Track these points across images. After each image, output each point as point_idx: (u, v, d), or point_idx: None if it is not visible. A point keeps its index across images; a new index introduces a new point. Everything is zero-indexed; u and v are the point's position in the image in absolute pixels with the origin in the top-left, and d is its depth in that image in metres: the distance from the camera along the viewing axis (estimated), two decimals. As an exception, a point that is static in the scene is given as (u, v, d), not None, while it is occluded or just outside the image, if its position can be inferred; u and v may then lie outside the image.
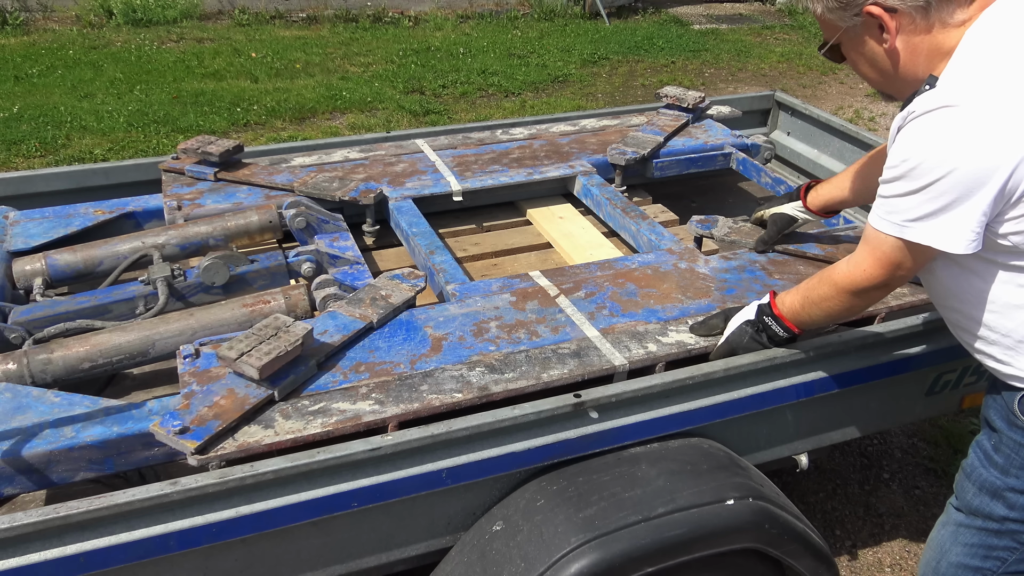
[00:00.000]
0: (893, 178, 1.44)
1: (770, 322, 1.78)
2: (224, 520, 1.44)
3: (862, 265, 1.56)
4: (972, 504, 1.65)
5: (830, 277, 1.65)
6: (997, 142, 1.33)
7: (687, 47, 8.43)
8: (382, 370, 1.74)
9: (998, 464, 1.59)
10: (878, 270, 1.53)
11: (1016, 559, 1.61)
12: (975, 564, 1.66)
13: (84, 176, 2.70)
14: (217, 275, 2.13)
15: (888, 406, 2.09)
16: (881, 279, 1.54)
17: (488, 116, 6.30)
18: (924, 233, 1.42)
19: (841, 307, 1.65)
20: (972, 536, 1.66)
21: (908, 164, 1.40)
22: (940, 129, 1.37)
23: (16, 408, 1.67)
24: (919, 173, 1.39)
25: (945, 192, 1.37)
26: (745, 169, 2.95)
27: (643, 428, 1.72)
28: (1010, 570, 1.63)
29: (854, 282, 1.58)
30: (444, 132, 3.13)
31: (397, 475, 1.53)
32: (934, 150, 1.37)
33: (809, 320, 1.74)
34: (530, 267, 2.47)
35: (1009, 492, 1.58)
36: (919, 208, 1.41)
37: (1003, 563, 1.63)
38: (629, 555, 1.52)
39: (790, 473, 2.39)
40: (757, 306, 1.83)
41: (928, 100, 1.38)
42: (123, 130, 5.75)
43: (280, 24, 8.77)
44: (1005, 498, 1.59)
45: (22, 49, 7.43)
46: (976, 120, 1.34)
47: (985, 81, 1.37)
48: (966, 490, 1.67)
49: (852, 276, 1.58)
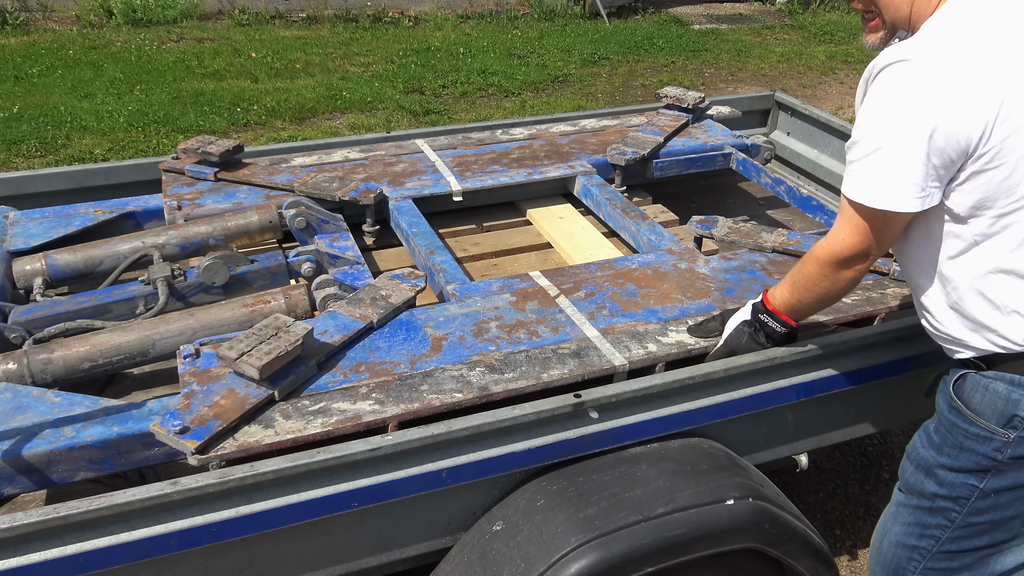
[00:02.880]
0: (853, 141, 1.48)
1: (765, 319, 1.77)
2: (224, 520, 1.44)
3: (839, 235, 1.55)
4: (909, 482, 1.70)
5: (812, 254, 1.64)
6: (936, 97, 1.36)
7: (687, 47, 8.42)
8: (382, 370, 1.74)
9: (935, 443, 1.63)
10: (855, 238, 1.53)
11: (947, 537, 1.64)
12: (911, 543, 1.69)
13: (84, 176, 2.70)
14: (217, 275, 2.13)
15: (888, 406, 2.09)
16: (860, 247, 1.53)
17: (488, 116, 6.30)
18: (876, 195, 1.43)
19: (828, 282, 1.62)
20: (909, 515, 1.70)
21: (862, 127, 1.44)
22: (889, 85, 1.41)
23: (16, 408, 1.67)
24: (869, 133, 1.43)
25: (888, 146, 1.40)
26: (745, 169, 2.95)
27: (643, 428, 1.72)
28: (943, 548, 1.65)
29: (834, 253, 1.57)
30: (444, 132, 3.13)
31: (397, 475, 1.53)
32: (881, 107, 1.41)
33: (801, 305, 1.72)
34: (530, 267, 2.47)
35: (940, 469, 1.62)
36: (871, 169, 1.43)
37: (936, 541, 1.65)
38: (629, 555, 1.52)
39: (790, 473, 2.39)
40: (751, 305, 1.82)
41: (889, 53, 1.42)
42: (123, 130, 5.75)
43: (280, 24, 8.77)
44: (936, 475, 1.63)
45: (22, 49, 7.42)
46: (920, 75, 1.37)
47: (943, 39, 1.40)
48: (905, 469, 1.72)
49: (831, 248, 1.58)
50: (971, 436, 1.56)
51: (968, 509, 1.60)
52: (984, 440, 1.54)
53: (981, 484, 1.57)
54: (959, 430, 1.58)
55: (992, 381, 1.54)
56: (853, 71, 8.00)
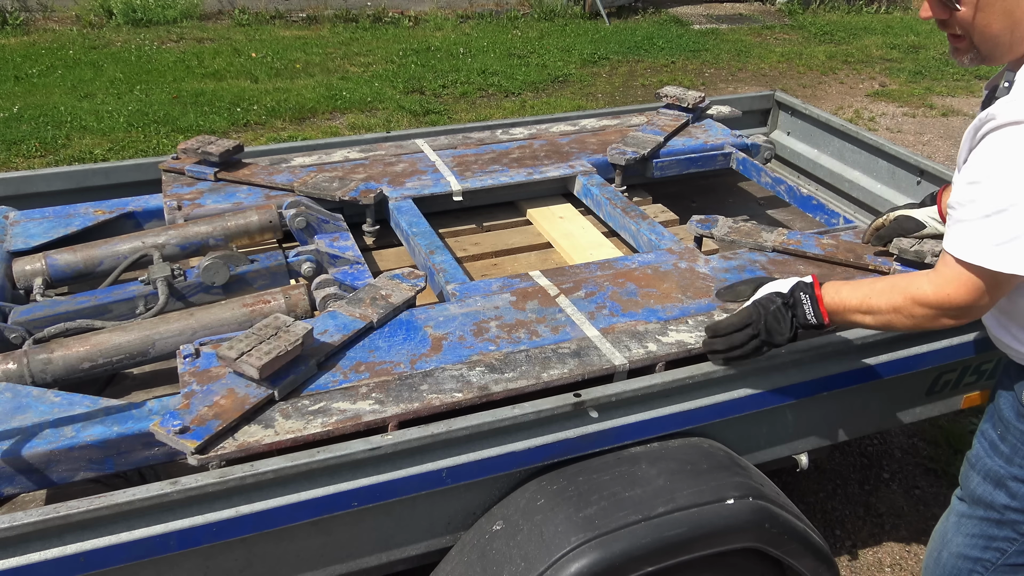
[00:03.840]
0: (968, 198, 1.40)
1: (804, 300, 1.64)
2: (224, 520, 1.44)
3: (947, 288, 1.46)
4: (976, 493, 1.66)
5: (909, 288, 1.52)
6: None
7: (687, 47, 8.43)
8: (382, 370, 1.74)
9: (1004, 453, 1.60)
10: (965, 296, 1.44)
11: (1016, 550, 1.62)
12: (975, 555, 1.67)
13: (84, 176, 2.70)
14: (217, 275, 2.13)
15: (888, 406, 2.09)
16: (966, 304, 1.45)
17: (488, 116, 6.30)
18: (1002, 258, 1.36)
19: (904, 322, 1.54)
20: (974, 526, 1.67)
21: (982, 185, 1.37)
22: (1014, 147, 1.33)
23: (16, 408, 1.67)
24: (992, 192, 1.35)
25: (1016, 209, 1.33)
26: (745, 169, 2.95)
27: (643, 428, 1.72)
28: (1009, 561, 1.63)
29: (935, 302, 1.48)
30: (444, 132, 3.13)
31: (397, 475, 1.53)
32: (1008, 167, 1.34)
33: (854, 320, 1.63)
34: (530, 267, 2.47)
35: (1012, 481, 1.59)
36: (996, 230, 1.36)
37: (1003, 554, 1.63)
38: (629, 554, 1.52)
39: (790, 473, 2.38)
40: (796, 281, 1.70)
41: (1005, 111, 1.35)
42: (123, 130, 5.75)
43: (280, 24, 8.77)
44: (1008, 487, 1.60)
45: (22, 49, 7.43)
46: None
47: None
48: (970, 479, 1.68)
49: (936, 296, 1.48)
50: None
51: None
52: None
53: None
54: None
55: None
56: (853, 71, 8.00)
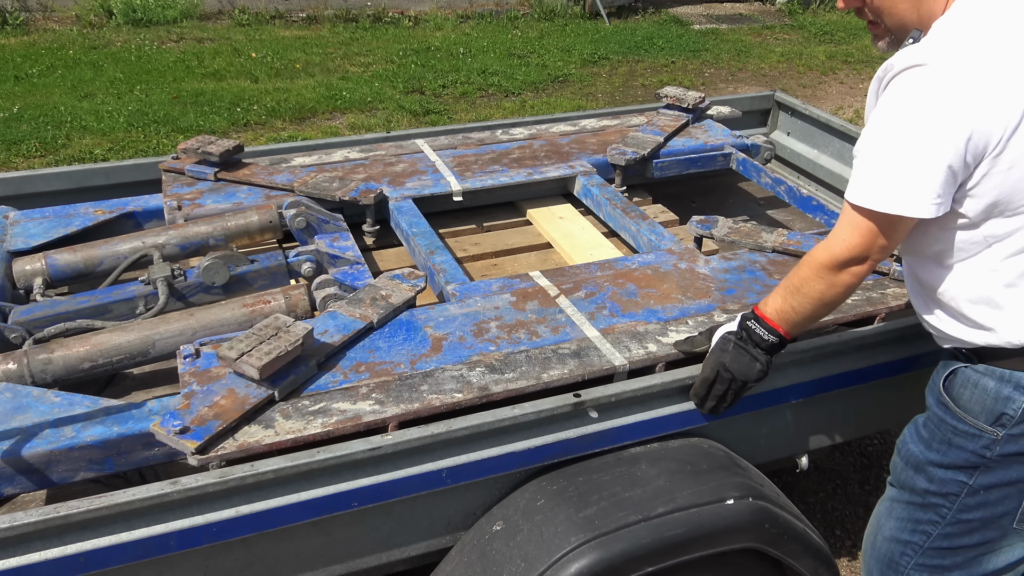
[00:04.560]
0: (865, 144, 1.46)
1: (753, 326, 1.66)
2: (224, 520, 1.44)
3: (840, 236, 1.50)
4: (900, 478, 1.69)
5: (808, 257, 1.58)
6: (957, 103, 1.35)
7: (687, 47, 8.42)
8: (382, 370, 1.74)
9: (923, 438, 1.63)
10: (857, 240, 1.48)
11: (939, 533, 1.63)
12: (904, 538, 1.69)
13: (84, 176, 2.70)
14: (217, 275, 2.13)
15: (888, 406, 2.09)
16: (861, 250, 1.49)
17: (488, 116, 6.30)
18: (889, 199, 1.41)
19: (824, 285, 1.55)
20: (902, 510, 1.69)
21: (876, 131, 1.43)
22: (906, 89, 1.40)
23: (16, 408, 1.67)
24: (885, 137, 1.42)
25: (905, 151, 1.39)
26: (745, 169, 2.95)
27: (643, 428, 1.72)
28: (934, 545, 1.65)
29: (834, 255, 1.51)
30: (444, 132, 3.13)
31: (397, 475, 1.53)
32: (898, 111, 1.40)
33: (793, 312, 1.61)
34: (530, 267, 2.47)
35: (930, 466, 1.62)
36: (885, 173, 1.41)
37: (928, 537, 1.65)
38: (629, 555, 1.52)
39: (790, 473, 2.39)
40: (741, 315, 1.72)
41: (904, 56, 1.41)
42: (123, 130, 5.75)
43: (280, 24, 8.77)
44: (926, 472, 1.62)
45: (22, 49, 7.42)
46: (939, 80, 1.36)
47: (958, 41, 1.39)
48: (896, 464, 1.72)
49: (831, 249, 1.52)
50: (960, 433, 1.56)
51: (958, 506, 1.60)
52: (973, 437, 1.54)
53: (970, 481, 1.57)
54: (948, 427, 1.58)
55: (982, 377, 1.53)
56: (853, 71, 8.00)
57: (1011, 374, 1.50)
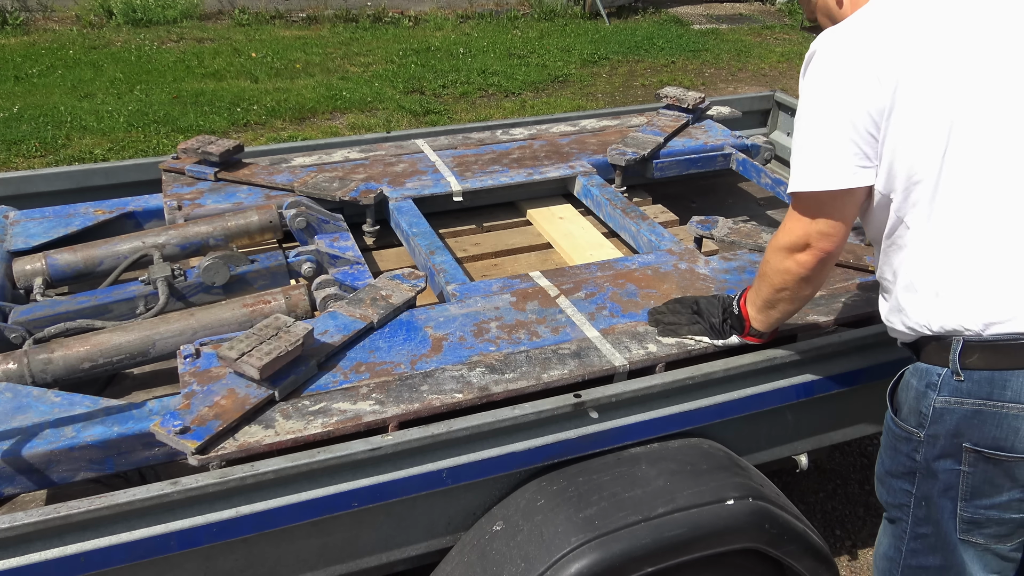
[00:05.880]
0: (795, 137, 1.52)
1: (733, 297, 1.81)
2: (224, 520, 1.44)
3: (787, 225, 1.55)
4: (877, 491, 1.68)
5: (768, 248, 1.63)
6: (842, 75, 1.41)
7: (687, 47, 8.43)
8: (382, 370, 1.74)
9: (883, 447, 1.61)
10: (793, 223, 1.52)
11: (907, 550, 1.59)
12: (891, 555, 1.65)
13: (84, 176, 2.71)
14: (217, 275, 2.13)
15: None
16: (799, 234, 1.52)
17: (488, 116, 6.30)
18: (805, 179, 1.46)
19: (778, 272, 1.58)
20: (886, 527, 1.67)
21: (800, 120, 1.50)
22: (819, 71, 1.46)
23: (16, 408, 1.67)
24: (797, 126, 1.50)
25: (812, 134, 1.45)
26: (745, 170, 2.95)
27: (643, 428, 1.72)
28: (908, 562, 1.59)
29: (778, 242, 1.57)
30: (444, 132, 3.13)
31: (397, 475, 1.53)
32: (802, 100, 1.49)
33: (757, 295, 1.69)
34: (530, 267, 2.47)
35: (886, 476, 1.60)
36: (801, 157, 1.47)
37: (900, 553, 1.60)
38: (629, 555, 1.52)
39: (790, 473, 2.39)
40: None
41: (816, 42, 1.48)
42: (123, 130, 5.75)
43: (280, 24, 8.77)
44: (885, 482, 1.60)
45: (22, 49, 7.43)
46: (827, 61, 1.44)
47: (847, 24, 1.46)
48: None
49: (777, 237, 1.58)
50: (898, 437, 1.53)
51: (912, 519, 1.55)
52: (906, 441, 1.51)
53: (913, 490, 1.52)
54: (891, 432, 1.56)
55: (912, 376, 1.50)
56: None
57: (928, 369, 1.46)
